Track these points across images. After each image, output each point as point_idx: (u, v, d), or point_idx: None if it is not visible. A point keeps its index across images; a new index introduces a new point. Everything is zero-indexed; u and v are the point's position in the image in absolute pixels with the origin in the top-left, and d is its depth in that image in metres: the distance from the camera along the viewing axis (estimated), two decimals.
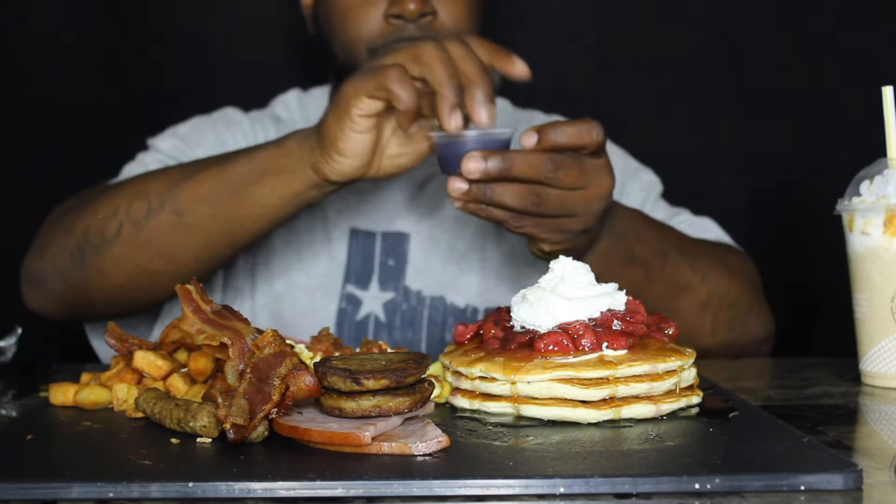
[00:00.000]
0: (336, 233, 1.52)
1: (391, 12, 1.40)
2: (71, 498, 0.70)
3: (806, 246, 1.89)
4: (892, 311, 1.06)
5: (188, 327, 0.91)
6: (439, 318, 1.50)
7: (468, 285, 1.51)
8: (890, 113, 1.09)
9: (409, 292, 1.51)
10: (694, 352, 0.94)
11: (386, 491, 0.69)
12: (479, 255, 1.53)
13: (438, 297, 1.51)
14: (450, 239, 1.53)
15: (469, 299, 1.51)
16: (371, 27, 1.42)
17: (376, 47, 1.42)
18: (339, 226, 1.53)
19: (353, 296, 1.50)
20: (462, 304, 1.50)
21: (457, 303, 1.50)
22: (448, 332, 1.50)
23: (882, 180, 1.08)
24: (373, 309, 1.49)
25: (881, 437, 0.92)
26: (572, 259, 0.98)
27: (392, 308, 1.50)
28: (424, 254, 1.52)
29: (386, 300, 1.51)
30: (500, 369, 0.89)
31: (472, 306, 1.51)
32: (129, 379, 0.96)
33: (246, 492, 0.69)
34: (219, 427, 0.81)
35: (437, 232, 1.53)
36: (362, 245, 1.52)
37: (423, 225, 1.54)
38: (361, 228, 1.53)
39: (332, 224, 1.53)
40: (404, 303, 1.51)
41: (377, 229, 1.53)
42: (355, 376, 0.80)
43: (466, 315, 1.50)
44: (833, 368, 1.20)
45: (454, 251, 1.53)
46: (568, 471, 0.71)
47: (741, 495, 0.68)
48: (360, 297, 1.50)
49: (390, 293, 1.51)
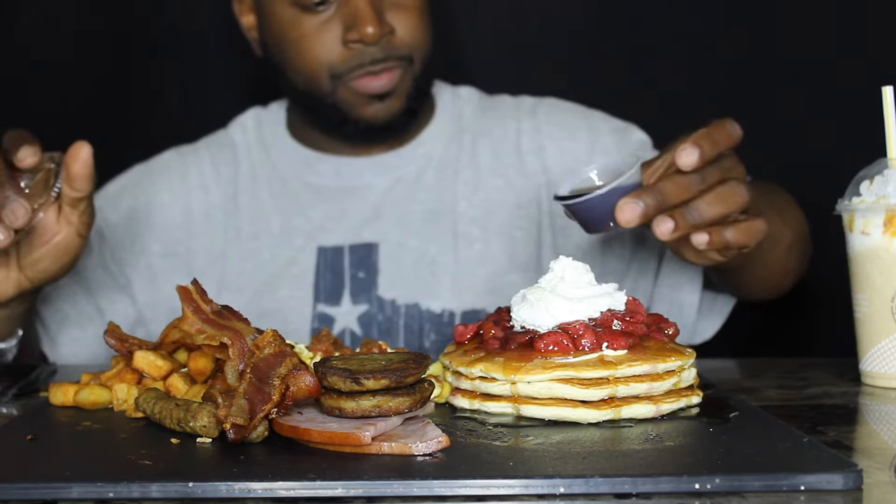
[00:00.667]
0: (303, 255, 1.50)
1: (350, 38, 1.40)
2: (71, 498, 0.70)
3: None
4: (892, 311, 1.06)
5: (188, 327, 0.91)
6: (416, 326, 1.47)
7: (442, 290, 1.48)
8: (890, 113, 1.09)
9: (382, 302, 1.48)
10: (694, 352, 0.94)
11: (386, 491, 0.69)
12: (452, 258, 1.49)
13: (413, 304, 1.48)
14: (419, 244, 1.50)
15: (445, 303, 1.48)
16: (331, 54, 1.42)
17: (339, 73, 1.42)
18: (305, 247, 1.51)
19: (324, 314, 1.48)
20: (438, 310, 1.47)
21: (433, 308, 1.47)
22: (426, 338, 1.47)
23: (882, 180, 1.08)
24: (347, 324, 1.47)
25: (881, 437, 0.92)
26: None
27: (367, 320, 1.47)
28: (395, 262, 1.50)
29: (360, 313, 1.48)
30: (500, 369, 0.89)
31: (448, 310, 1.47)
32: (129, 379, 0.96)
33: (246, 492, 0.69)
34: (219, 427, 0.81)
35: (405, 238, 1.51)
36: (331, 261, 1.50)
37: (390, 233, 1.51)
38: (328, 245, 1.50)
39: (297, 246, 1.51)
40: (379, 313, 1.48)
41: (344, 243, 1.51)
42: (355, 376, 0.80)
43: (444, 320, 1.47)
44: (833, 368, 1.20)
45: (425, 256, 1.50)
46: (568, 471, 0.71)
47: (741, 495, 0.68)
48: (332, 314, 1.48)
49: (363, 305, 1.48)
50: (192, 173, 1.58)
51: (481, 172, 1.55)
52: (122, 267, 1.53)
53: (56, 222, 1.15)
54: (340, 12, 1.41)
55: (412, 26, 1.44)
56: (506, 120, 1.60)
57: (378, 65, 1.42)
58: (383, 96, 1.45)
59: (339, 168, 1.56)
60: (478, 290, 1.48)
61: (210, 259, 1.53)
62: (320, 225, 1.52)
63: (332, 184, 1.55)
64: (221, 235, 1.54)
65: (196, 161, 1.60)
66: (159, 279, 1.53)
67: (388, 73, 1.43)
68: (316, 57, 1.43)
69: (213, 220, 1.55)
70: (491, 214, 1.52)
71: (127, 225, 1.55)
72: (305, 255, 1.51)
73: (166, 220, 1.56)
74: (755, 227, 1.04)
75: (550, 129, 1.58)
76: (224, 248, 1.53)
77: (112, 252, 1.53)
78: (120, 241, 1.54)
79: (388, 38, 1.41)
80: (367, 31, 1.38)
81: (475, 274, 1.49)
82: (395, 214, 1.52)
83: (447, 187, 1.53)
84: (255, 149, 1.60)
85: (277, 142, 1.60)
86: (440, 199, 1.53)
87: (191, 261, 1.54)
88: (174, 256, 1.55)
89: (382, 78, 1.43)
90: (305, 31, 1.42)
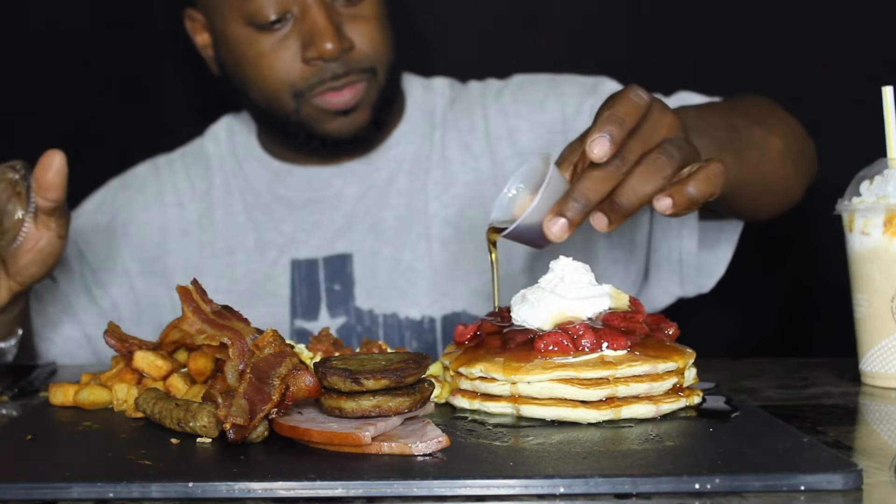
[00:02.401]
0: (277, 269, 1.49)
1: (309, 56, 1.37)
2: (71, 498, 0.70)
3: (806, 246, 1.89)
4: (892, 311, 1.06)
5: (188, 327, 0.91)
6: (395, 335, 1.46)
7: (420, 296, 1.46)
8: (890, 113, 1.09)
9: (360, 313, 1.47)
10: (694, 352, 0.94)
11: (386, 491, 0.69)
12: (427, 263, 1.48)
13: (391, 314, 1.47)
14: (393, 252, 1.49)
15: (424, 310, 1.46)
16: (291, 72, 1.39)
17: (301, 90, 1.39)
18: (279, 261, 1.49)
19: (302, 329, 1.47)
20: (418, 317, 1.46)
21: (412, 315, 1.46)
22: (408, 346, 1.45)
23: (882, 180, 1.08)
24: None
25: (881, 437, 0.92)
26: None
27: (346, 332, 1.46)
28: (370, 272, 1.48)
29: (339, 325, 1.47)
30: (500, 369, 0.89)
31: (428, 316, 1.46)
32: (129, 379, 0.96)
33: (246, 492, 0.69)
34: (219, 427, 0.81)
35: (379, 247, 1.49)
36: (305, 275, 1.48)
37: (364, 242, 1.49)
38: (302, 258, 1.49)
39: (272, 261, 1.50)
40: (358, 325, 1.47)
41: (318, 255, 1.49)
42: (355, 376, 0.80)
43: (424, 326, 1.45)
44: (833, 368, 1.20)
45: (400, 263, 1.48)
46: (568, 471, 0.71)
47: (741, 495, 0.68)
48: (309, 328, 1.46)
49: (342, 318, 1.47)
50: (168, 190, 1.57)
51: (451, 169, 1.52)
52: (106, 288, 1.53)
53: (36, 230, 1.18)
54: (297, 28, 1.38)
55: (372, 38, 1.41)
56: (473, 109, 1.55)
57: (340, 80, 1.39)
58: (348, 111, 1.42)
59: (310, 179, 1.54)
60: (456, 293, 1.46)
61: (187, 275, 1.50)
62: (293, 238, 1.50)
63: (303, 196, 1.53)
64: (197, 251, 1.53)
65: (171, 176, 1.58)
66: (142, 300, 1.53)
67: (350, 88, 1.40)
68: (276, 75, 1.40)
69: (189, 237, 1.54)
70: (463, 213, 1.49)
71: (107, 244, 1.54)
72: (279, 269, 1.49)
73: (143, 238, 1.55)
74: (712, 172, 0.94)
75: (518, 107, 1.53)
76: (199, 264, 1.52)
77: (94, 275, 1.53)
78: (101, 263, 1.53)
79: (348, 52, 1.38)
80: (327, 48, 1.35)
81: (452, 276, 1.47)
82: (367, 223, 1.50)
83: (418, 189, 1.51)
84: (228, 161, 1.58)
85: (248, 154, 1.58)
86: (411, 203, 1.51)
87: (169, 277, 1.53)
88: (153, 275, 1.54)
89: (345, 93, 1.40)
90: (263, 50, 1.39)
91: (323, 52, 1.36)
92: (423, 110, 1.57)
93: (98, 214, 1.56)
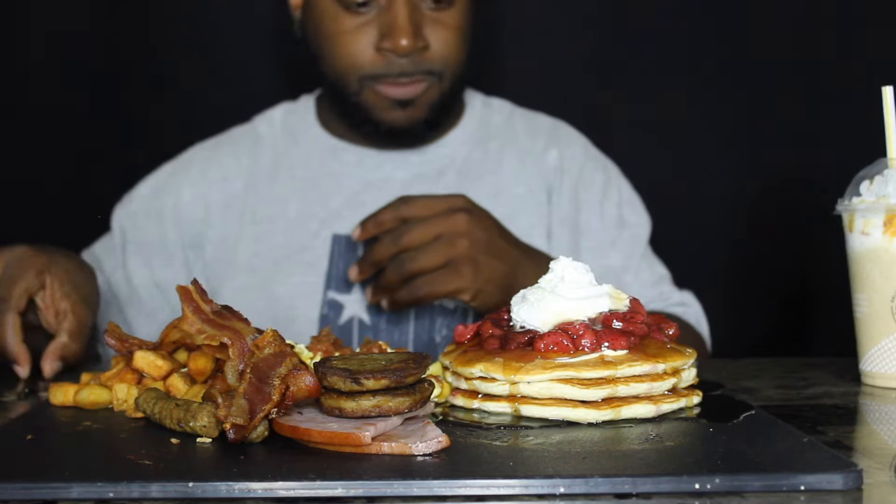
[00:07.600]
0: (318, 241, 1.52)
1: (383, 46, 1.43)
2: (71, 498, 0.70)
3: (806, 246, 1.89)
4: (892, 311, 1.06)
5: (188, 327, 0.91)
6: (427, 318, 1.47)
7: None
8: (890, 113, 1.09)
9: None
10: (694, 352, 0.94)
11: (386, 491, 0.69)
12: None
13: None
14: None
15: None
16: (363, 57, 1.45)
17: (366, 76, 1.45)
18: (320, 234, 1.53)
19: (335, 301, 1.48)
20: (451, 304, 1.47)
21: (445, 303, 1.47)
22: (437, 332, 1.46)
23: (882, 180, 1.08)
24: (356, 312, 1.47)
25: (881, 437, 0.92)
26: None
27: (376, 309, 1.47)
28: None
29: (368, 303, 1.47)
30: (500, 369, 0.89)
31: (462, 307, 1.46)
32: (129, 379, 0.96)
33: (246, 492, 0.69)
34: (219, 427, 0.81)
35: None
36: (344, 250, 1.51)
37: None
38: (343, 233, 1.52)
39: (312, 232, 1.53)
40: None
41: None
42: (355, 376, 0.80)
43: (457, 314, 1.46)
44: (833, 368, 1.20)
45: None
46: (568, 471, 0.71)
47: (741, 495, 0.68)
48: (341, 301, 1.48)
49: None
50: (213, 168, 1.61)
51: (504, 178, 1.58)
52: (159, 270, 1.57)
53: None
54: (379, 18, 1.43)
55: (448, 44, 1.46)
56: (538, 136, 1.63)
57: (406, 77, 1.45)
58: (406, 104, 1.47)
59: (362, 159, 1.58)
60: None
61: (223, 247, 1.56)
62: (338, 213, 1.54)
63: (353, 173, 1.58)
64: (237, 220, 1.57)
65: (217, 154, 1.62)
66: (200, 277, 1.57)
67: (414, 84, 1.46)
68: (348, 56, 1.45)
69: (230, 209, 1.58)
70: (510, 220, 1.49)
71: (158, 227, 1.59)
72: (320, 241, 1.52)
73: (188, 216, 1.59)
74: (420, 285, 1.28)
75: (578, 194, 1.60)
76: (240, 231, 1.56)
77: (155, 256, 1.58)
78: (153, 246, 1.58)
79: (421, 52, 1.44)
80: (401, 43, 1.40)
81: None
82: None
83: (467, 188, 1.53)
84: (282, 139, 1.62)
85: (305, 130, 1.63)
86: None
87: (203, 248, 1.57)
88: (196, 248, 1.58)
89: (408, 87, 1.46)
90: (343, 29, 1.45)
91: (396, 46, 1.41)
92: (480, 121, 1.63)
93: (153, 199, 1.60)
